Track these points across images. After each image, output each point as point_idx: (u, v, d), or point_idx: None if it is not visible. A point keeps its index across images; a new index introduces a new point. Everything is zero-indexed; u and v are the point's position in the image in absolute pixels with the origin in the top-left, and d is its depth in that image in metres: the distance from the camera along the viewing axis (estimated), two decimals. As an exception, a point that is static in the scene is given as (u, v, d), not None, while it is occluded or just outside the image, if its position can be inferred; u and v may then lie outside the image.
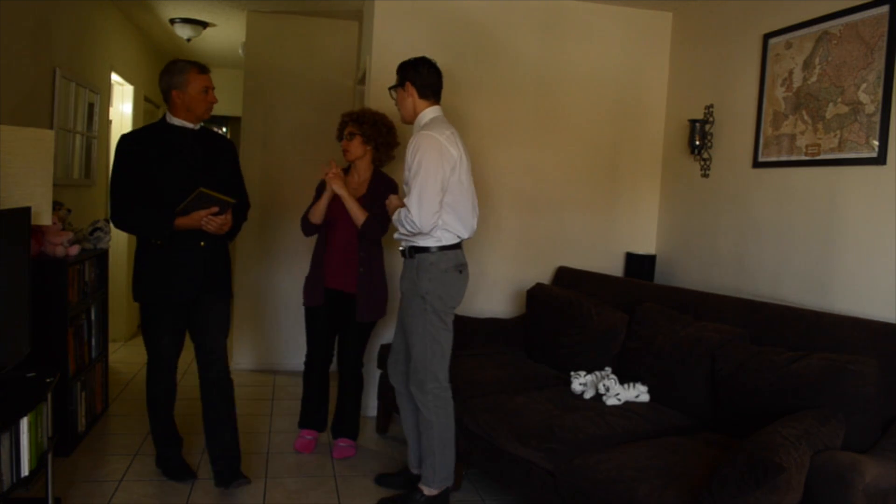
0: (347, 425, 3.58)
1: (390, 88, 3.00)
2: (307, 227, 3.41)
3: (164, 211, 2.81)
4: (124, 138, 2.94)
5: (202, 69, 2.92)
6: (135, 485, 3.09)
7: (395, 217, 2.88)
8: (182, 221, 2.82)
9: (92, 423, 3.71)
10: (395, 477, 3.20)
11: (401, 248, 2.98)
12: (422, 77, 2.90)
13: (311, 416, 3.58)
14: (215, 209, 2.84)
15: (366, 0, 4.41)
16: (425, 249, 2.84)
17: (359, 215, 3.20)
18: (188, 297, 2.94)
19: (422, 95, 2.91)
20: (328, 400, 3.61)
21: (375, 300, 3.38)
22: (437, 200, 2.74)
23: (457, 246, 2.90)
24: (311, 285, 3.42)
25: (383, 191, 3.29)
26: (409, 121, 2.98)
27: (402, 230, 2.84)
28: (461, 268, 2.91)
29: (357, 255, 3.33)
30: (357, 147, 3.36)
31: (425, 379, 2.86)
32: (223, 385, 3.04)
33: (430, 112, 2.91)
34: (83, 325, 3.58)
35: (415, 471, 3.11)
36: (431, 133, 2.78)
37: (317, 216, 3.34)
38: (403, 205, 2.83)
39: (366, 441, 3.74)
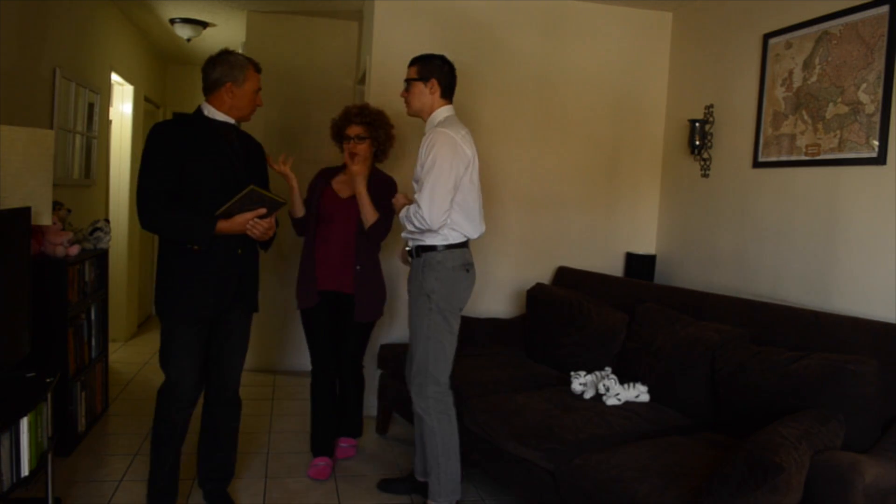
0: (349, 424, 3.49)
1: (410, 80, 2.88)
2: (295, 225, 3.29)
3: (204, 212, 2.54)
4: (160, 127, 2.64)
5: (258, 68, 2.74)
6: (135, 485, 3.09)
7: (402, 214, 2.83)
8: (224, 225, 2.54)
9: (92, 423, 3.71)
10: (399, 483, 3.14)
11: (407, 248, 2.92)
12: (445, 76, 2.85)
13: (322, 443, 3.35)
14: (262, 211, 2.58)
15: (366, 0, 4.41)
16: (432, 248, 2.80)
17: (370, 216, 3.10)
18: (220, 311, 2.67)
19: (443, 94, 2.86)
20: (337, 422, 3.42)
21: (374, 299, 3.28)
22: (448, 199, 2.71)
23: (464, 245, 2.85)
24: (304, 286, 3.26)
25: (382, 189, 3.22)
26: (417, 115, 2.91)
27: (409, 227, 2.79)
28: (468, 266, 2.87)
29: (354, 253, 3.22)
30: (366, 150, 3.22)
31: (425, 382, 2.79)
32: (233, 407, 2.86)
33: (444, 111, 2.86)
34: (83, 325, 3.58)
35: (420, 478, 3.05)
36: (447, 131, 2.74)
37: (297, 208, 3.22)
38: (410, 202, 2.81)
39: (366, 441, 3.74)
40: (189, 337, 2.62)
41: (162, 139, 2.57)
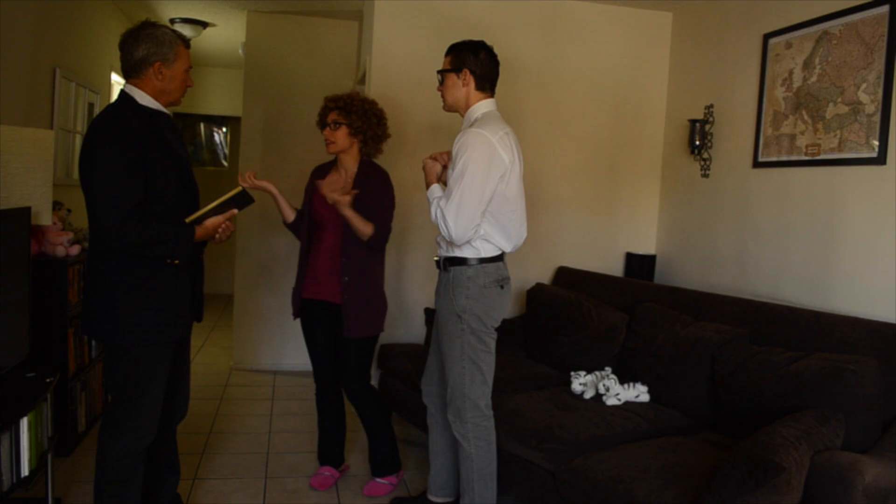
0: (378, 459, 3.16)
1: (441, 72, 2.60)
2: (292, 230, 3.12)
3: (171, 220, 2.24)
4: (118, 125, 2.16)
5: (187, 44, 2.35)
6: (135, 485, 3.09)
7: (432, 205, 2.49)
8: (200, 232, 2.28)
9: (92, 423, 3.70)
10: (414, 501, 2.96)
11: (435, 259, 2.66)
12: (482, 65, 2.53)
13: (324, 451, 3.23)
14: (234, 212, 2.35)
15: (366, 0, 4.41)
16: (462, 261, 2.51)
17: (365, 230, 2.87)
18: (191, 325, 2.43)
19: (479, 86, 2.55)
20: (344, 432, 3.26)
21: (364, 313, 2.96)
22: (478, 212, 2.41)
23: (498, 258, 2.56)
24: (293, 293, 3.12)
25: (374, 186, 2.97)
26: (454, 110, 2.63)
27: (437, 223, 2.48)
28: (503, 282, 2.57)
29: (341, 262, 2.95)
30: (342, 138, 2.98)
31: (463, 407, 2.53)
32: (176, 425, 2.59)
33: (483, 105, 2.55)
34: (83, 324, 3.58)
35: (434, 499, 2.86)
36: (484, 132, 2.42)
37: (285, 214, 3.05)
38: (437, 179, 2.54)
39: (365, 441, 3.72)
40: (160, 363, 2.29)
41: (127, 141, 2.14)
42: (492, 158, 2.41)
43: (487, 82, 2.57)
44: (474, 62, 2.53)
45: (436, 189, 2.53)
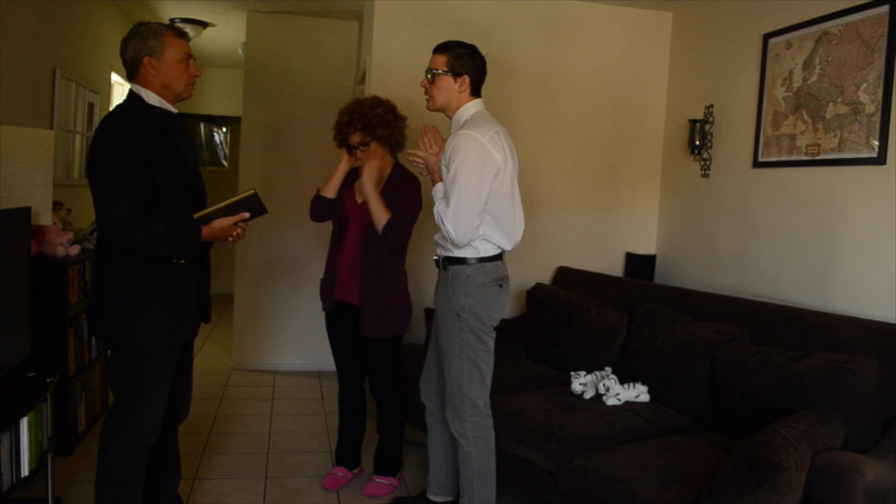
0: (383, 458, 3.19)
1: (436, 72, 2.54)
2: (317, 205, 3.06)
3: (183, 220, 2.24)
4: (126, 125, 2.16)
5: (180, 33, 2.31)
6: (135, 485, 3.08)
7: (436, 201, 2.48)
8: (206, 232, 2.27)
9: (92, 423, 3.70)
10: (414, 500, 2.98)
11: (434, 258, 2.66)
12: (478, 72, 2.55)
13: (342, 452, 3.24)
14: (245, 215, 2.34)
15: (366, 0, 4.41)
16: (461, 261, 2.51)
17: (381, 216, 2.84)
18: (197, 327, 2.41)
19: (473, 91, 2.56)
20: (363, 434, 3.28)
21: (383, 313, 2.96)
22: (476, 213, 2.41)
23: (497, 257, 2.57)
24: (322, 288, 3.12)
25: (401, 188, 2.96)
26: (441, 110, 2.60)
27: (438, 223, 2.48)
28: (502, 282, 2.58)
29: (361, 262, 2.97)
30: (375, 151, 2.96)
31: (462, 406, 2.54)
32: (178, 426, 2.60)
33: (472, 106, 2.55)
34: (83, 325, 3.57)
35: (434, 498, 2.87)
36: (474, 133, 2.41)
37: (330, 189, 3.02)
38: (439, 174, 2.52)
39: (366, 443, 3.72)
40: (166, 365, 2.29)
41: (127, 140, 2.13)
42: (484, 159, 2.40)
43: (479, 87, 2.60)
44: (473, 68, 2.53)
45: (439, 190, 2.52)
